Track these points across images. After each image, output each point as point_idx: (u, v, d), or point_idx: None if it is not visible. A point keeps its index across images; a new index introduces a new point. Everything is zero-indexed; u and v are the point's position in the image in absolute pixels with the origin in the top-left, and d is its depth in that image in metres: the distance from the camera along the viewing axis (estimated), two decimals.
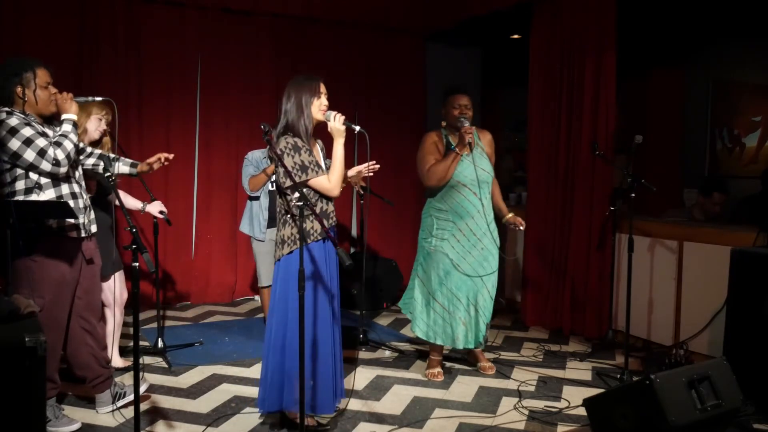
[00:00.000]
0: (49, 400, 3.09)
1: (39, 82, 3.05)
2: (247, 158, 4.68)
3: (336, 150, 3.11)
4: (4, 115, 2.96)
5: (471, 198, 3.83)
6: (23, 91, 3.03)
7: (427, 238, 3.90)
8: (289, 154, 3.04)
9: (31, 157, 2.93)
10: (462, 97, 3.87)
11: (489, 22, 6.11)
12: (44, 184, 3.01)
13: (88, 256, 3.21)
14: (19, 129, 2.93)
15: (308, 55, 6.27)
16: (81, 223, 3.13)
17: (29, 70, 3.04)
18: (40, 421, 2.49)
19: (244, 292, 6.23)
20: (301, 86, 3.12)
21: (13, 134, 2.91)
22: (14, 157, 2.93)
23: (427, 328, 3.91)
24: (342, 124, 3.08)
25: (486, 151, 3.99)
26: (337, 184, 3.10)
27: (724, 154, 6.03)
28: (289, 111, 3.11)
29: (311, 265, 3.07)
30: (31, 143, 2.92)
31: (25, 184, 2.98)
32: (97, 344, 3.32)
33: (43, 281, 3.02)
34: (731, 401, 2.92)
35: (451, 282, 3.84)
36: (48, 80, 3.09)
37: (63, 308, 3.13)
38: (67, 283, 3.11)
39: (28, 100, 3.04)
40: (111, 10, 5.46)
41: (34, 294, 2.98)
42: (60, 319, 3.13)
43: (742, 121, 5.89)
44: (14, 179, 2.98)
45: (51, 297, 3.04)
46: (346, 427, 3.28)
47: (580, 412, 3.40)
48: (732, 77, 5.94)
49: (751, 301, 3.54)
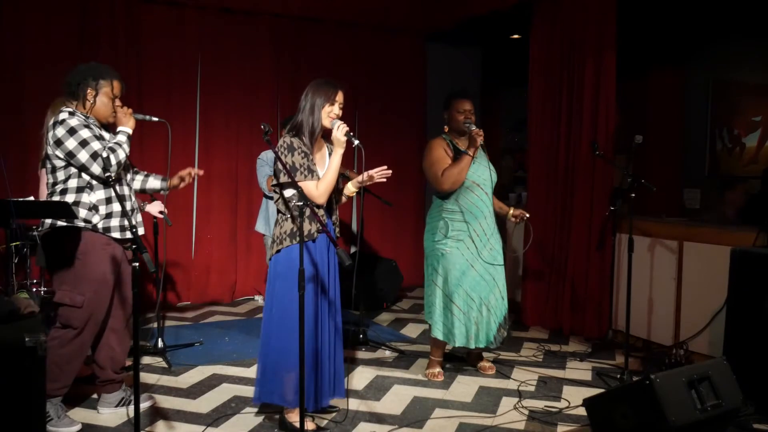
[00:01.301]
0: (54, 399, 3.11)
1: (112, 92, 3.22)
2: (262, 158, 4.69)
3: (332, 159, 3.13)
4: (66, 115, 3.08)
5: (484, 198, 3.88)
6: (94, 96, 3.18)
7: (442, 240, 3.90)
8: (283, 154, 3.07)
9: (84, 158, 3.04)
10: (465, 103, 3.92)
11: (489, 22, 6.11)
12: (95, 184, 3.12)
13: (129, 257, 3.27)
14: (77, 130, 3.05)
15: (308, 55, 6.27)
16: (127, 225, 3.18)
17: (107, 79, 3.21)
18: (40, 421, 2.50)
19: (244, 292, 6.23)
20: (319, 89, 3.15)
21: (71, 134, 3.03)
22: (69, 156, 3.05)
23: (447, 330, 3.90)
24: (343, 135, 3.09)
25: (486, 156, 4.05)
26: (324, 192, 3.10)
27: (724, 154, 6.03)
28: (302, 110, 3.15)
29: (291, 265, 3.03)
30: (86, 145, 3.04)
31: (77, 183, 3.10)
32: (120, 347, 3.36)
33: (85, 279, 3.09)
34: (731, 401, 2.91)
35: (467, 283, 3.85)
36: (119, 93, 3.26)
37: (102, 306, 3.18)
38: (107, 282, 3.17)
39: (95, 105, 3.19)
40: (111, 10, 5.46)
41: (76, 291, 3.07)
42: (97, 318, 3.18)
43: (742, 121, 5.89)
44: (68, 177, 3.10)
45: (91, 294, 3.11)
46: (346, 427, 3.28)
47: (580, 412, 3.40)
48: (732, 77, 5.94)
49: (751, 301, 3.54)
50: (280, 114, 6.17)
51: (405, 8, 6.55)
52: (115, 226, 3.17)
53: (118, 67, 5.45)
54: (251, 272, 6.16)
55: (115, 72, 3.28)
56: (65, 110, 3.12)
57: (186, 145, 5.90)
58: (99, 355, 3.34)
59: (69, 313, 3.09)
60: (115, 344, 3.34)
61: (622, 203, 4.55)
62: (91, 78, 3.17)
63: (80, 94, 3.16)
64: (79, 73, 3.18)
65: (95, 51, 5.41)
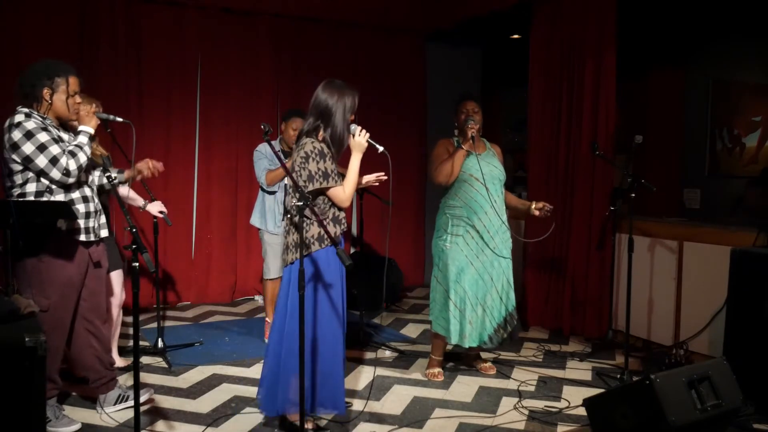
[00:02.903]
0: (49, 401, 3.10)
1: (69, 89, 3.08)
2: (260, 151, 4.67)
3: (352, 163, 3.12)
4: (22, 117, 2.97)
5: (483, 192, 3.87)
6: (51, 95, 3.04)
7: (442, 236, 3.93)
8: (315, 159, 3.02)
9: (42, 164, 2.94)
10: (469, 103, 3.98)
11: (489, 22, 6.11)
12: (55, 188, 3.03)
13: (95, 259, 3.23)
14: (35, 133, 2.93)
15: (308, 55, 6.28)
16: (91, 227, 3.14)
17: (62, 76, 3.06)
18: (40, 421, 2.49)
19: (244, 292, 6.24)
20: (344, 96, 3.10)
21: (28, 138, 2.92)
22: (26, 161, 2.94)
23: (447, 324, 3.91)
24: (366, 141, 3.09)
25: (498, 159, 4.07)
26: (350, 195, 3.12)
27: (724, 154, 6.03)
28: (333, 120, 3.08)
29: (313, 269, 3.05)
30: (44, 149, 2.93)
31: (36, 187, 3.00)
32: (102, 346, 3.33)
33: (50, 282, 3.03)
34: (731, 401, 2.91)
35: (465, 280, 3.86)
36: (77, 89, 3.12)
37: (68, 310, 3.14)
38: (73, 285, 3.12)
39: (52, 105, 3.06)
40: (111, 10, 5.46)
41: (41, 294, 3.00)
42: (64, 320, 3.14)
43: (742, 121, 5.88)
44: (26, 181, 2.99)
45: (57, 298, 3.06)
46: (346, 427, 3.28)
47: (580, 412, 3.40)
48: (732, 77, 5.94)
49: (751, 301, 3.54)
50: (280, 114, 6.17)
51: (405, 8, 6.55)
52: (80, 228, 3.09)
53: (118, 67, 5.50)
54: (251, 272, 6.16)
55: (71, 67, 3.12)
56: (21, 111, 2.99)
57: (186, 145, 5.90)
58: (84, 358, 3.28)
59: None
60: (96, 344, 3.29)
61: (622, 203, 4.55)
62: (46, 77, 3.01)
63: (36, 95, 3.01)
64: (33, 74, 3.03)
65: (95, 51, 5.41)
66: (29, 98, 3.03)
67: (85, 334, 3.25)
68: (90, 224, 3.13)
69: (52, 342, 3.07)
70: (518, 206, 4.11)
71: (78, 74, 3.14)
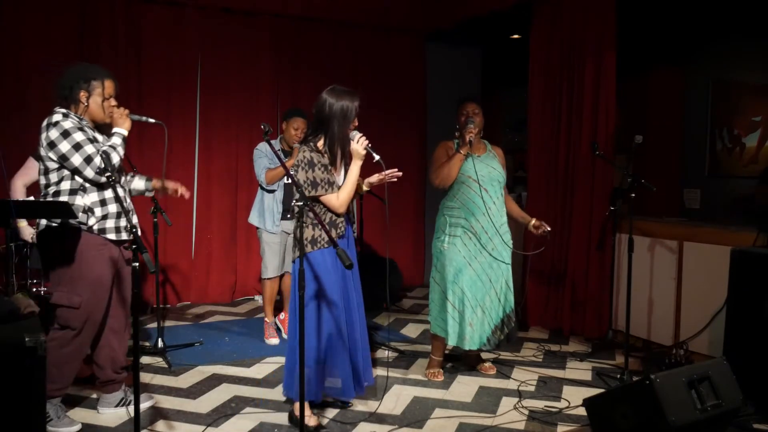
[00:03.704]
0: (54, 400, 3.11)
1: (105, 93, 3.17)
2: (260, 149, 4.67)
3: (351, 170, 3.15)
4: (59, 117, 3.06)
5: (483, 194, 3.87)
6: (87, 97, 3.14)
7: (441, 237, 3.93)
8: (303, 169, 3.09)
9: (77, 162, 3.02)
10: (469, 104, 3.97)
11: (489, 22, 6.11)
12: (89, 187, 3.10)
13: (126, 257, 3.27)
14: (71, 132, 3.02)
15: (308, 55, 6.28)
16: (122, 226, 3.19)
17: (99, 79, 3.16)
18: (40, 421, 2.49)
19: (244, 292, 6.24)
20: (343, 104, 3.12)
21: (65, 137, 3.01)
22: (62, 159, 3.03)
23: (446, 325, 3.91)
24: (363, 149, 3.11)
25: (498, 160, 4.06)
26: (345, 202, 3.15)
27: (724, 154, 6.03)
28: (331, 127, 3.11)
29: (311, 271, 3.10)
30: (80, 148, 3.02)
31: (70, 185, 3.08)
32: (120, 347, 3.36)
33: (81, 280, 3.08)
34: (731, 401, 2.91)
35: (463, 281, 3.85)
36: (112, 93, 3.21)
37: (99, 307, 3.18)
38: (103, 284, 3.16)
39: (88, 107, 3.15)
40: (111, 10, 5.46)
41: (72, 292, 3.06)
42: (96, 318, 3.18)
43: (742, 121, 5.88)
44: (61, 179, 3.07)
45: (88, 295, 3.10)
46: (346, 427, 3.28)
47: (580, 412, 3.40)
48: (732, 77, 5.94)
49: (751, 301, 3.54)
50: (280, 114, 6.17)
51: (405, 8, 6.56)
52: (111, 227, 3.15)
53: (118, 67, 5.49)
54: (251, 272, 6.16)
55: (107, 71, 3.24)
56: (59, 111, 3.09)
57: (186, 144, 5.90)
58: (99, 355, 3.34)
59: (67, 314, 3.09)
60: (115, 344, 3.34)
61: (622, 203, 4.55)
62: (83, 80, 3.13)
63: (73, 97, 3.12)
64: (71, 76, 3.14)
65: (95, 51, 5.41)
66: (67, 100, 3.13)
67: (108, 333, 3.30)
68: (121, 223, 3.18)
69: (80, 341, 3.13)
70: (518, 219, 4.11)
71: (114, 78, 3.24)
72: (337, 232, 3.16)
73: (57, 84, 3.14)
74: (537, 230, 3.99)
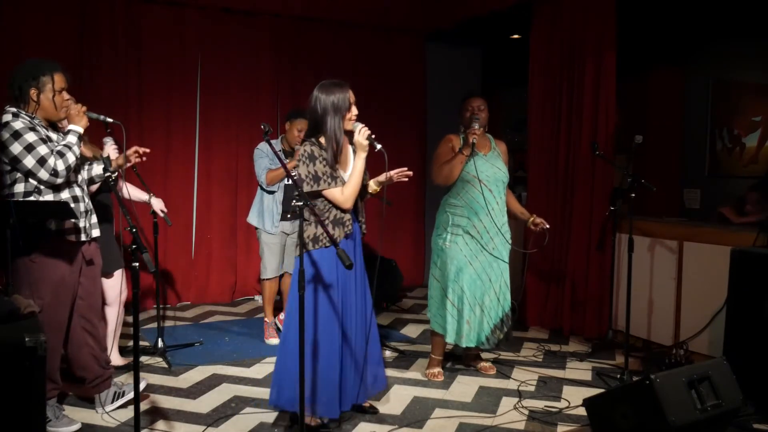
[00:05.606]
0: (49, 401, 3.09)
1: (55, 87, 3.04)
2: (261, 149, 4.66)
3: (356, 163, 3.12)
4: (9, 117, 2.95)
5: (487, 194, 3.87)
6: (37, 95, 3.02)
7: (442, 234, 3.93)
8: (305, 163, 3.06)
9: (30, 164, 2.91)
10: (475, 99, 3.97)
11: (489, 22, 6.10)
12: (43, 189, 3.00)
13: (87, 258, 3.21)
14: (22, 133, 2.91)
15: (308, 55, 6.28)
16: (81, 227, 3.12)
17: (47, 74, 3.02)
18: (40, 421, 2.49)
19: (244, 292, 6.24)
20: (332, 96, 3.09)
21: (16, 138, 2.90)
22: (14, 162, 2.92)
23: (444, 322, 3.92)
24: (365, 140, 3.08)
25: (501, 158, 4.06)
26: (350, 196, 3.09)
27: (724, 154, 6.03)
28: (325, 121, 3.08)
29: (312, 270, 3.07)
30: (32, 150, 2.91)
31: (24, 188, 2.98)
32: (98, 345, 3.32)
33: (43, 282, 3.02)
34: (731, 401, 2.91)
35: (463, 280, 3.85)
36: (63, 86, 3.08)
37: (63, 309, 3.13)
38: (66, 285, 3.10)
39: (40, 104, 3.03)
40: (111, 10, 5.46)
41: (34, 294, 2.99)
42: (60, 320, 3.13)
43: (742, 121, 5.88)
44: (14, 182, 2.97)
45: (50, 298, 3.04)
46: (346, 427, 3.28)
47: (580, 412, 3.40)
48: (732, 77, 5.94)
49: (751, 301, 3.54)
50: (280, 114, 6.17)
51: (405, 8, 6.55)
52: (70, 228, 3.06)
53: (118, 67, 5.50)
54: (251, 272, 6.16)
55: (56, 64, 3.07)
56: (9, 111, 2.97)
57: (186, 144, 5.90)
58: (80, 356, 3.27)
59: None
60: (92, 342, 3.28)
61: (622, 203, 4.55)
62: (32, 77, 2.99)
63: (22, 95, 2.99)
64: (20, 74, 3.01)
65: (95, 51, 5.42)
66: (18, 100, 3.02)
67: (82, 333, 3.25)
68: (81, 224, 3.11)
69: (50, 342, 3.06)
70: (518, 215, 4.10)
71: (64, 70, 3.10)
72: (345, 230, 3.11)
73: (7, 85, 3.01)
74: (536, 227, 3.99)
